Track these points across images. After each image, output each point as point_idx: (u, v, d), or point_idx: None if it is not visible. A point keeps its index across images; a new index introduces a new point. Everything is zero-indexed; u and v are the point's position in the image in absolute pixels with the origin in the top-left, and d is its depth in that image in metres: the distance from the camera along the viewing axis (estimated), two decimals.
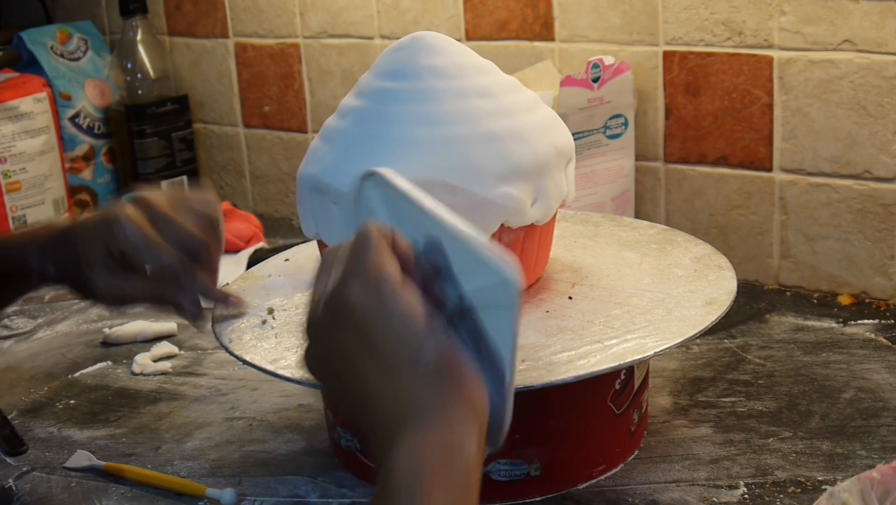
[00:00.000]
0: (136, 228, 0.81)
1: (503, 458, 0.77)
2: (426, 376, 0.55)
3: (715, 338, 1.01)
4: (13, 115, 1.36)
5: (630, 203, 1.19)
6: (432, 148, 0.76)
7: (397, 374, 0.55)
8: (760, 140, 1.11)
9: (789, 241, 1.12)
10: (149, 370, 1.04)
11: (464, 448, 0.53)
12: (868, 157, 1.05)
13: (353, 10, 1.34)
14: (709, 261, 0.88)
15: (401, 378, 0.55)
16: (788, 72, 1.07)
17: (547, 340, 0.75)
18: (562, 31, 1.20)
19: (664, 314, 0.78)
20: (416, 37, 0.81)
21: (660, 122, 1.17)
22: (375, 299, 0.56)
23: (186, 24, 1.51)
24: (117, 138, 1.49)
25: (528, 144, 0.78)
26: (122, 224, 0.81)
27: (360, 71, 1.33)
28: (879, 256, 1.07)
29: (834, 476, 0.78)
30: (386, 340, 0.55)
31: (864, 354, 0.97)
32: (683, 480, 0.79)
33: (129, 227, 0.81)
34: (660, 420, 0.88)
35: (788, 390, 0.91)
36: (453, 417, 0.54)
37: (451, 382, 0.55)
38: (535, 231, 0.81)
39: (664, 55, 1.14)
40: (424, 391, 0.54)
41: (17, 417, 0.96)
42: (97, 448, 0.89)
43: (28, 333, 1.16)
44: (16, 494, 0.83)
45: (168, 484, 0.83)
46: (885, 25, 1.01)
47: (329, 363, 0.59)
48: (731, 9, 1.09)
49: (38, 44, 1.48)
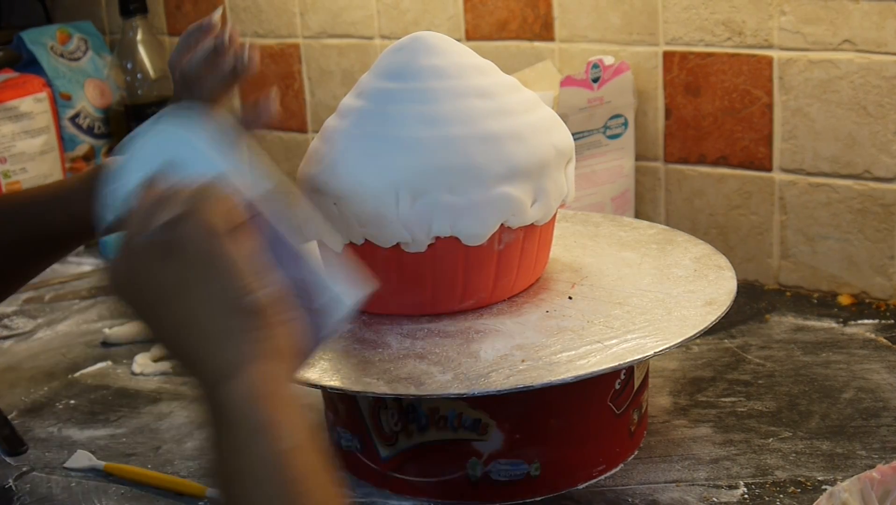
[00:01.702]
0: None
1: (503, 458, 0.77)
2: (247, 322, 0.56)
3: (715, 338, 1.01)
4: (13, 115, 1.36)
5: (630, 203, 1.19)
6: (432, 148, 0.76)
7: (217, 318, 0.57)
8: (760, 140, 1.11)
9: (789, 241, 1.12)
10: (149, 370, 1.04)
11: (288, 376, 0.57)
12: (868, 157, 1.05)
13: (353, 10, 1.34)
14: (709, 261, 0.88)
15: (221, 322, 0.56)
16: (788, 72, 1.07)
17: (547, 340, 0.75)
18: (562, 31, 1.20)
19: (664, 314, 0.78)
20: (416, 37, 0.81)
21: (660, 122, 1.17)
22: (205, 245, 0.57)
23: (186, 24, 1.51)
24: (117, 138, 1.48)
25: (528, 145, 0.78)
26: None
27: (360, 71, 1.33)
28: (879, 256, 1.07)
29: (834, 476, 0.78)
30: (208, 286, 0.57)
31: (864, 354, 0.97)
32: (683, 480, 0.79)
33: None
34: (660, 420, 0.88)
35: (788, 390, 0.91)
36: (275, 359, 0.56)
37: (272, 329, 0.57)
38: (535, 231, 0.81)
39: (664, 55, 1.14)
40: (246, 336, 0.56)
41: (17, 417, 0.96)
42: (97, 448, 0.89)
43: (28, 333, 1.16)
44: (16, 494, 0.83)
45: (168, 484, 0.83)
46: (885, 25, 1.01)
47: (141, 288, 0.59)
48: (731, 9, 1.09)
49: (38, 44, 1.48)
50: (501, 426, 0.76)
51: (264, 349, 0.56)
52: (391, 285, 0.79)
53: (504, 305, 0.81)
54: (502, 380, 0.70)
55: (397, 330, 0.79)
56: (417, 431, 0.77)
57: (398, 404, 0.77)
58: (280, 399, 0.55)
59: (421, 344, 0.76)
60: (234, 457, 0.54)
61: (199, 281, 0.57)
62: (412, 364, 0.74)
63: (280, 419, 0.54)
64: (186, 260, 0.57)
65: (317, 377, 0.74)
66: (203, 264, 0.57)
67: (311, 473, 0.54)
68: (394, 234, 0.76)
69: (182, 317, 0.57)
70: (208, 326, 0.57)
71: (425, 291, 0.80)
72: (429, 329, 0.78)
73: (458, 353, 0.74)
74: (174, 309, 0.58)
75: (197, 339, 0.57)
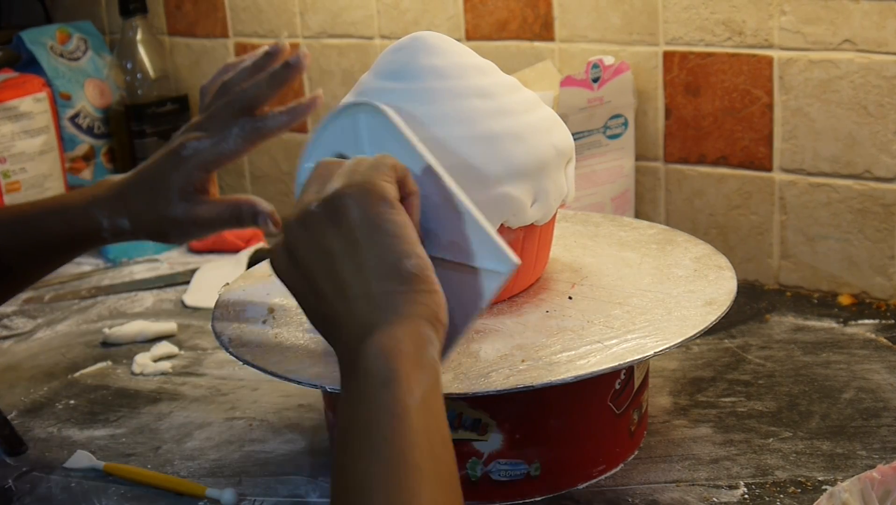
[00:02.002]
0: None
1: (503, 458, 0.77)
2: (403, 285, 0.60)
3: (715, 338, 1.01)
4: (13, 115, 1.36)
5: (630, 203, 1.19)
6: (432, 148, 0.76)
7: (376, 279, 0.60)
8: (760, 140, 1.11)
9: (789, 241, 1.12)
10: (149, 370, 1.04)
11: (432, 342, 0.59)
12: (868, 157, 1.05)
13: (353, 10, 1.34)
14: (709, 261, 0.88)
15: (379, 283, 0.60)
16: (788, 72, 1.07)
17: (547, 340, 0.75)
18: (562, 31, 1.20)
19: (664, 314, 0.78)
20: (416, 37, 0.81)
21: (660, 122, 1.17)
22: (372, 211, 0.61)
23: (186, 24, 1.51)
24: (117, 138, 1.49)
25: (528, 145, 0.78)
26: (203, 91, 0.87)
27: (360, 71, 1.33)
28: (879, 256, 1.07)
29: (834, 476, 0.78)
30: (373, 247, 0.60)
31: (864, 354, 0.97)
32: (683, 480, 0.79)
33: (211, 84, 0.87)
34: (660, 420, 0.88)
35: (788, 390, 0.91)
36: (421, 322, 0.59)
37: (426, 297, 0.60)
38: (535, 231, 0.81)
39: (664, 55, 1.14)
40: (399, 298, 0.59)
41: (17, 417, 0.96)
42: (97, 448, 0.89)
43: (28, 333, 1.16)
44: (16, 494, 0.83)
45: (168, 484, 0.83)
46: (885, 25, 1.01)
47: (307, 261, 0.62)
48: (731, 9, 1.09)
49: (37, 44, 1.48)
50: (501, 426, 0.76)
51: (414, 311, 0.59)
52: None
53: (504, 305, 0.81)
54: (502, 380, 0.70)
55: None
56: None
57: None
58: (417, 359, 0.57)
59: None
60: (361, 405, 0.56)
61: (363, 244, 0.60)
62: None
63: (412, 376, 0.56)
64: (353, 224, 0.61)
65: (317, 377, 0.74)
66: (368, 228, 0.61)
67: (430, 432, 0.55)
68: None
69: (343, 278, 0.60)
70: (367, 286, 0.60)
71: None
72: None
73: (458, 353, 0.74)
74: (337, 270, 0.61)
75: (353, 298, 0.60)
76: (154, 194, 0.85)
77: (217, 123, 0.84)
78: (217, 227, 0.87)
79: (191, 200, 0.85)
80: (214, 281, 1.21)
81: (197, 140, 0.84)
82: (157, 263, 1.34)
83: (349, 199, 0.61)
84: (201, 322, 1.14)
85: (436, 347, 0.59)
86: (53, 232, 0.88)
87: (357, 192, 0.61)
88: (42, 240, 0.88)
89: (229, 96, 0.84)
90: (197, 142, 0.84)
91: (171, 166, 0.85)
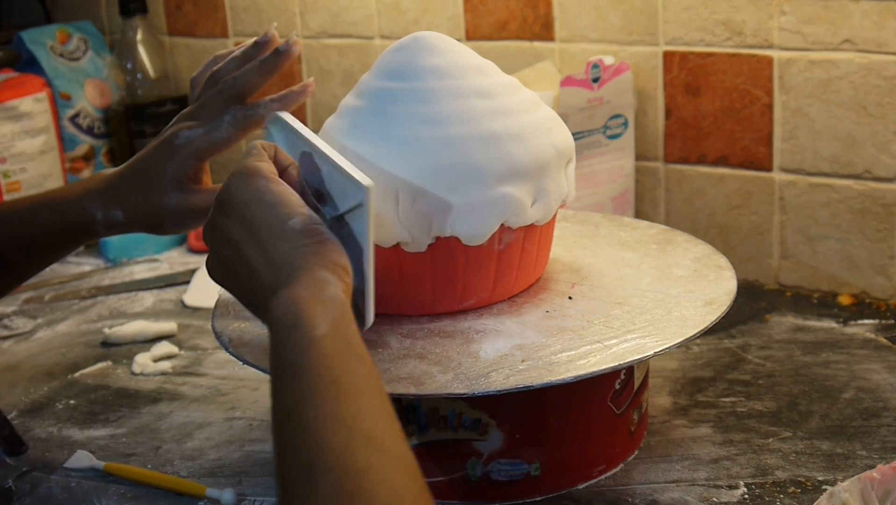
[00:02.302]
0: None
1: (503, 458, 0.77)
2: (292, 242, 0.64)
3: (715, 338, 1.01)
4: (13, 115, 1.36)
5: (630, 203, 1.19)
6: (432, 148, 0.76)
7: (270, 244, 0.64)
8: (760, 140, 1.11)
9: (789, 241, 1.12)
10: (149, 370, 1.04)
11: (330, 291, 0.62)
12: (868, 157, 1.05)
13: (353, 10, 1.34)
14: (709, 261, 0.88)
15: (273, 247, 0.64)
16: (788, 72, 1.07)
17: (547, 340, 0.75)
18: (562, 31, 1.20)
19: (664, 314, 0.78)
20: (416, 37, 0.81)
21: (660, 122, 1.17)
22: (251, 188, 0.66)
23: (186, 24, 1.51)
24: (117, 138, 1.49)
25: (528, 144, 0.78)
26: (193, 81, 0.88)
27: (360, 71, 1.33)
28: (879, 256, 1.07)
29: (834, 476, 0.78)
30: (261, 219, 0.65)
31: (864, 354, 0.97)
32: (683, 480, 0.79)
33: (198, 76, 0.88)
34: (660, 420, 0.88)
35: (788, 390, 0.91)
36: (318, 271, 0.63)
37: (315, 247, 0.64)
38: (535, 231, 0.81)
39: (664, 55, 1.14)
40: (293, 254, 0.63)
41: (17, 417, 0.96)
42: (97, 448, 0.89)
43: (28, 333, 1.16)
44: (16, 494, 0.83)
45: (168, 484, 0.83)
46: (885, 25, 1.01)
47: (222, 258, 0.68)
48: (731, 9, 1.09)
49: (37, 44, 1.48)
50: (501, 426, 0.76)
51: (307, 262, 0.63)
52: (391, 285, 0.79)
53: (504, 305, 0.81)
54: (502, 380, 0.70)
55: (397, 330, 0.79)
56: (417, 431, 0.77)
57: (398, 404, 0.77)
58: (318, 299, 0.61)
59: (421, 344, 0.76)
60: (277, 353, 0.59)
61: (252, 219, 0.65)
62: (412, 364, 0.74)
63: (315, 313, 0.59)
64: (241, 206, 0.66)
65: None
66: (252, 204, 0.66)
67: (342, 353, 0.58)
68: (394, 234, 0.76)
69: (248, 256, 0.66)
70: (265, 254, 0.64)
71: (425, 291, 0.80)
72: (429, 329, 0.78)
73: (458, 353, 0.74)
74: (242, 251, 0.66)
75: (259, 270, 0.65)
76: (148, 185, 0.85)
77: (209, 112, 0.84)
78: None
79: (185, 190, 0.85)
80: None
81: (189, 129, 0.84)
82: (157, 262, 1.34)
83: (231, 187, 0.67)
84: (201, 322, 1.14)
85: (336, 286, 0.62)
86: (47, 225, 0.88)
87: (236, 178, 0.67)
88: (36, 234, 0.88)
89: (220, 85, 0.84)
90: (189, 131, 0.84)
91: (164, 156, 0.85)
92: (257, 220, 0.65)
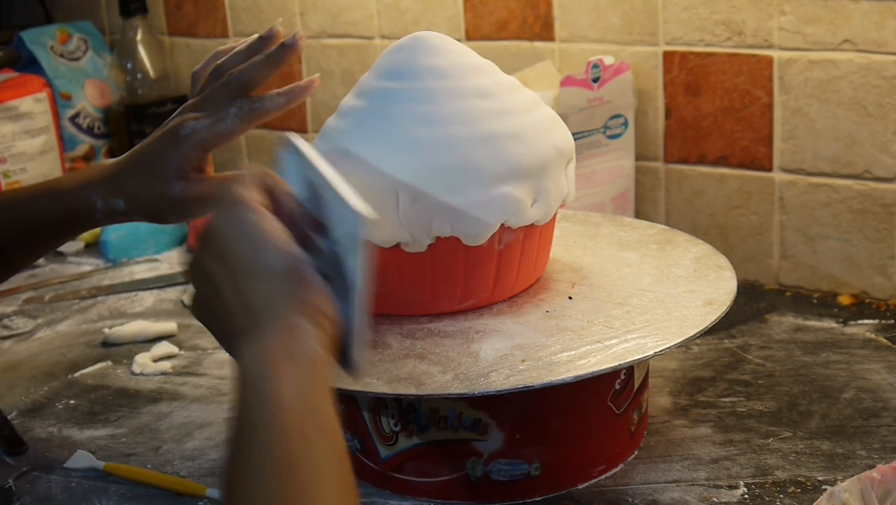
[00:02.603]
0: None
1: (503, 458, 0.77)
2: (269, 282, 0.59)
3: (715, 338, 1.01)
4: (13, 115, 1.36)
5: (630, 203, 1.19)
6: (432, 148, 0.76)
7: (244, 281, 0.59)
8: (760, 140, 1.11)
9: (789, 241, 1.12)
10: (149, 370, 1.04)
11: (303, 342, 0.57)
12: (868, 157, 1.05)
13: (353, 10, 1.34)
14: (709, 261, 0.88)
15: (247, 284, 0.59)
16: (788, 72, 1.07)
17: (547, 340, 0.75)
18: (562, 31, 1.20)
19: (664, 314, 0.78)
20: (416, 37, 0.81)
21: (660, 122, 1.17)
22: (234, 219, 0.61)
23: (186, 24, 1.51)
24: (117, 138, 1.49)
25: (528, 144, 0.78)
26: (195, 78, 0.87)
27: (360, 71, 1.33)
28: (879, 256, 1.07)
29: (834, 476, 0.78)
30: (238, 254, 0.60)
31: (864, 354, 0.97)
32: (683, 480, 0.79)
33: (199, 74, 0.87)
34: (660, 420, 0.88)
35: (788, 390, 0.91)
36: (293, 319, 0.58)
37: (293, 290, 0.59)
38: (536, 231, 0.81)
39: (664, 55, 1.14)
40: (269, 297, 0.59)
41: (17, 417, 0.96)
42: (97, 448, 0.89)
43: (28, 333, 1.16)
44: (16, 494, 0.83)
45: (168, 484, 0.83)
46: (885, 25, 1.01)
47: (201, 294, 0.63)
48: (731, 9, 1.09)
49: (38, 44, 1.48)
50: (501, 426, 0.76)
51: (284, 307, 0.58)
52: (391, 285, 0.79)
53: (504, 305, 0.81)
54: (502, 380, 0.70)
55: (397, 330, 0.79)
56: (417, 431, 0.77)
57: (398, 404, 0.77)
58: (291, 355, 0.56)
59: (421, 344, 0.76)
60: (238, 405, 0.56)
61: (230, 253, 0.60)
62: (412, 364, 0.74)
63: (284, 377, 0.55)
64: (220, 238, 0.61)
65: None
66: (232, 236, 0.60)
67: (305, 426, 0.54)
68: (394, 234, 0.76)
69: (224, 294, 0.60)
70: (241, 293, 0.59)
71: (425, 291, 0.80)
72: (429, 329, 0.78)
73: (458, 353, 0.74)
74: (219, 287, 0.61)
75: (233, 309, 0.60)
76: (151, 174, 0.85)
77: (214, 104, 0.84)
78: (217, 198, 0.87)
79: (188, 179, 0.85)
80: None
81: (194, 120, 0.84)
82: (157, 262, 1.34)
83: (215, 220, 0.62)
84: None
85: (313, 337, 0.58)
86: (46, 213, 0.87)
87: (220, 210, 0.62)
88: (35, 222, 0.88)
89: (225, 78, 0.84)
90: (194, 122, 0.84)
91: (169, 145, 0.85)
92: (235, 255, 0.60)
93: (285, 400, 0.54)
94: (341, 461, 0.55)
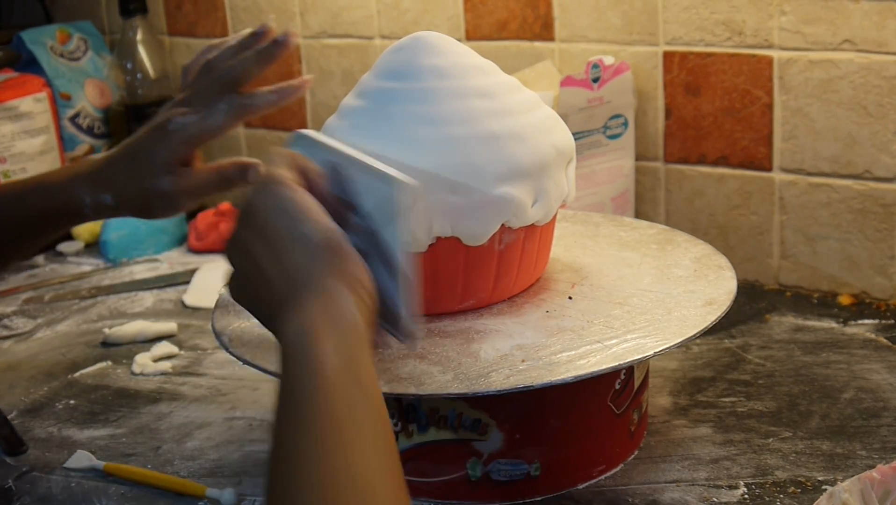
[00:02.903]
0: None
1: (503, 458, 0.77)
2: (309, 253, 0.61)
3: (715, 338, 1.01)
4: (13, 115, 1.36)
5: (630, 203, 1.19)
6: (433, 148, 0.76)
7: (285, 253, 0.61)
8: (760, 140, 1.11)
9: (789, 241, 1.12)
10: (149, 370, 1.04)
11: (343, 309, 0.59)
12: (868, 157, 1.05)
13: (353, 10, 1.34)
14: (709, 261, 0.88)
15: (287, 256, 0.61)
16: (788, 72, 1.07)
17: (547, 340, 0.75)
18: (562, 31, 1.20)
19: (664, 314, 0.78)
20: (416, 37, 0.81)
21: (660, 122, 1.17)
22: (270, 195, 0.63)
23: (186, 24, 1.51)
24: (117, 138, 1.49)
25: (529, 144, 0.78)
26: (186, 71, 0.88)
27: (360, 71, 1.33)
28: (879, 256, 1.07)
29: (834, 476, 0.78)
30: (277, 228, 0.62)
31: (864, 354, 0.97)
32: (683, 480, 0.79)
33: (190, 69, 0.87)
34: (660, 420, 0.88)
35: (788, 390, 0.91)
36: (333, 288, 0.60)
37: (332, 260, 0.61)
38: (536, 231, 0.81)
39: (664, 55, 1.14)
40: (308, 265, 0.60)
41: (17, 417, 0.96)
42: (97, 448, 0.89)
43: (28, 333, 1.16)
44: (16, 494, 0.83)
45: (168, 484, 0.83)
46: (885, 25, 1.01)
47: (240, 272, 0.65)
48: (731, 9, 1.09)
49: (37, 44, 1.48)
50: (501, 426, 0.76)
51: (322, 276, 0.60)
52: None
53: (504, 305, 0.81)
54: (502, 380, 0.70)
55: None
56: (417, 431, 0.77)
57: (398, 404, 0.77)
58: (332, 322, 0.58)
59: (421, 344, 0.76)
60: (282, 376, 0.57)
61: (271, 229, 0.62)
62: (412, 364, 0.74)
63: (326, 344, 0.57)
64: (260, 215, 0.63)
65: None
66: (272, 212, 0.62)
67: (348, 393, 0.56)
68: None
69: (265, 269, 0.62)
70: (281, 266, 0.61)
71: (425, 291, 0.79)
72: (429, 329, 0.78)
73: (458, 353, 0.74)
74: (260, 264, 0.62)
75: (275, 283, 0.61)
76: (139, 168, 0.85)
77: (203, 99, 0.84)
78: (205, 193, 0.87)
79: (176, 173, 0.85)
80: (214, 281, 1.21)
81: (183, 115, 0.84)
82: (157, 262, 1.34)
83: (253, 198, 0.64)
84: (201, 322, 1.14)
85: (352, 304, 0.59)
86: (35, 209, 0.88)
87: (258, 188, 0.64)
88: (24, 217, 0.88)
89: (215, 73, 0.84)
90: (183, 117, 0.84)
91: (157, 140, 0.85)
92: (274, 229, 0.62)
93: (328, 363, 0.56)
94: (383, 421, 0.57)
